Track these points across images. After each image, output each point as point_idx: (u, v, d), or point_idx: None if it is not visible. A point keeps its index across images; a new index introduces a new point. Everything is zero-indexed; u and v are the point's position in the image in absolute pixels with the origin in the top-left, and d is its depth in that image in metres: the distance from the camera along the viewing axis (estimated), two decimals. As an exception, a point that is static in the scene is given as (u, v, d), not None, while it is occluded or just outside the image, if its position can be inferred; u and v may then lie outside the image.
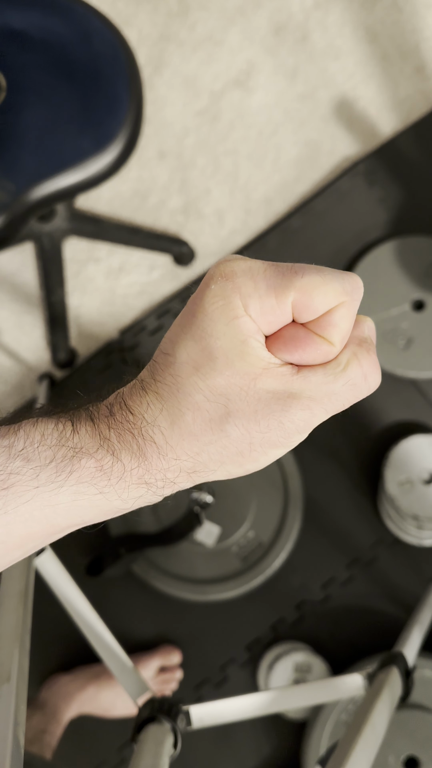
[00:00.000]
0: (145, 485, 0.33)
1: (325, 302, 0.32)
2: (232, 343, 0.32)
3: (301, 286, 0.32)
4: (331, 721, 1.17)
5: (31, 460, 0.31)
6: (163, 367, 0.34)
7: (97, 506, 0.33)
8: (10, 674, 0.47)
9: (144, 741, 0.58)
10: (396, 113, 1.48)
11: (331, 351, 0.33)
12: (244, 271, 0.32)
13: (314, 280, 0.32)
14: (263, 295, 0.32)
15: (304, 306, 0.32)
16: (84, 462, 0.32)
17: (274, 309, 0.32)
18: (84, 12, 1.05)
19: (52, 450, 0.32)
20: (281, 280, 0.32)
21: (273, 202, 1.46)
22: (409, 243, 1.38)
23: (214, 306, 0.32)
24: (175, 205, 1.47)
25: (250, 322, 0.32)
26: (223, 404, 0.32)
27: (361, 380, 0.33)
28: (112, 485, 0.32)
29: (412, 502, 1.21)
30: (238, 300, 0.32)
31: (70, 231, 1.39)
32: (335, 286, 0.32)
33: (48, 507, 0.32)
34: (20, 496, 0.31)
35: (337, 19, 1.51)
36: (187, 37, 1.51)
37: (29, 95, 1.02)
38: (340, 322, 0.32)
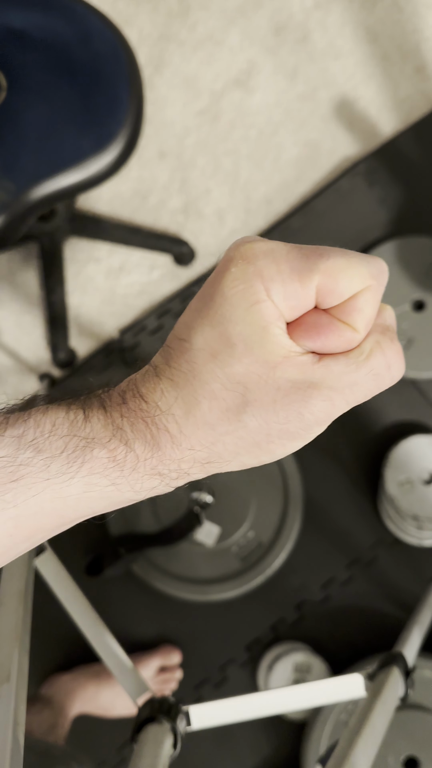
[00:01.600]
0: (159, 476, 0.32)
1: (351, 286, 0.30)
2: (253, 330, 0.30)
3: (326, 269, 0.30)
4: (330, 721, 1.17)
5: (41, 451, 0.30)
6: (178, 353, 0.32)
7: (108, 497, 0.31)
8: (10, 674, 0.47)
9: (144, 741, 0.58)
10: (396, 113, 1.47)
11: (354, 338, 0.31)
12: (266, 253, 0.30)
13: (340, 263, 0.30)
14: (286, 279, 0.30)
15: (328, 290, 0.30)
16: (96, 452, 0.30)
17: (298, 293, 0.30)
18: (85, 12, 1.05)
19: (63, 440, 0.30)
20: (305, 263, 0.30)
21: (273, 202, 1.46)
22: (410, 243, 1.38)
23: (234, 290, 0.31)
24: (175, 205, 1.47)
25: (273, 307, 0.30)
26: (240, 393, 0.31)
27: (384, 370, 0.32)
28: (125, 476, 0.31)
29: (412, 502, 1.21)
30: (259, 284, 0.30)
31: (70, 231, 1.39)
32: (361, 270, 0.31)
33: (58, 499, 0.30)
34: (30, 488, 0.30)
35: (338, 19, 1.51)
36: (187, 37, 1.51)
37: (30, 95, 1.02)
38: (365, 307, 0.31)
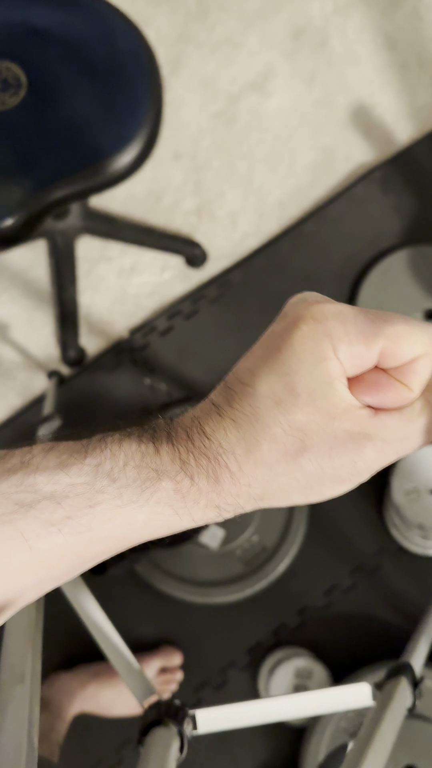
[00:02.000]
0: (216, 509, 0.34)
1: (411, 352, 0.33)
2: (318, 384, 0.33)
3: (390, 335, 0.32)
4: (330, 728, 1.17)
5: (116, 480, 0.33)
6: (242, 396, 0.34)
7: (168, 525, 0.34)
8: (24, 675, 0.47)
9: (151, 744, 0.58)
10: (413, 121, 1.47)
11: (409, 397, 0.34)
12: (335, 315, 0.33)
13: (404, 330, 0.33)
14: (353, 341, 0.33)
15: (390, 353, 0.33)
16: (164, 484, 0.33)
17: (363, 355, 0.33)
18: (106, 11, 1.05)
19: (136, 470, 0.33)
20: (371, 327, 0.33)
21: (287, 207, 1.46)
22: (423, 252, 1.38)
23: (303, 346, 0.33)
24: (188, 207, 1.47)
25: (338, 365, 0.33)
26: (300, 438, 0.33)
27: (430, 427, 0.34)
28: (187, 507, 0.34)
29: (418, 511, 1.21)
30: (328, 343, 0.33)
31: (83, 229, 1.39)
32: (423, 338, 0.33)
33: (126, 526, 0.33)
34: (104, 514, 0.32)
35: (357, 25, 1.51)
36: (205, 38, 1.51)
37: (50, 93, 1.02)
38: (422, 371, 0.34)
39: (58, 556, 0.33)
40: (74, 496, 0.32)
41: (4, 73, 1.02)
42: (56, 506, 0.32)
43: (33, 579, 0.33)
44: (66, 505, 0.32)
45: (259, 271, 1.42)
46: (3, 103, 1.01)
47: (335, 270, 1.40)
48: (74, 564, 0.34)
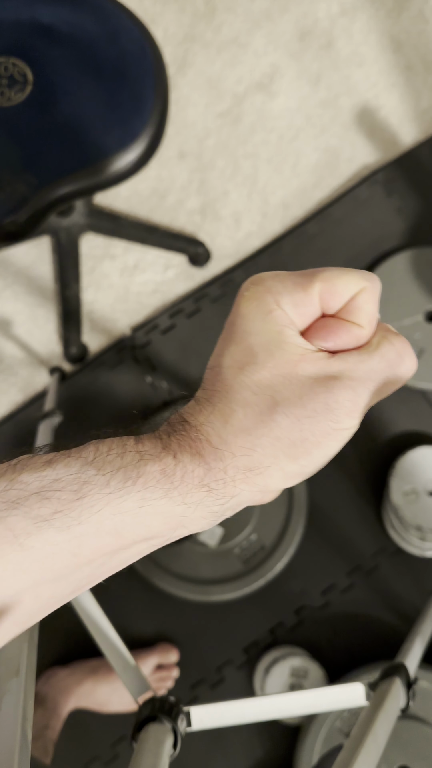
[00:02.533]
0: (207, 488, 0.34)
1: (348, 288, 0.35)
2: (270, 336, 0.34)
3: (324, 278, 0.34)
4: (325, 728, 1.17)
5: (102, 468, 0.32)
6: (212, 379, 0.36)
7: (162, 512, 0.33)
8: (19, 669, 0.47)
9: (145, 740, 0.59)
10: (417, 124, 1.48)
11: (362, 333, 0.35)
12: (272, 276, 0.35)
13: (335, 272, 0.35)
14: (291, 290, 0.35)
15: (329, 294, 0.35)
16: (149, 467, 0.33)
17: (304, 300, 0.35)
18: (113, 9, 1.05)
19: (120, 457, 0.33)
20: (306, 277, 0.35)
21: (290, 207, 1.47)
22: (425, 254, 1.38)
23: (249, 308, 0.35)
24: (192, 206, 1.47)
25: (284, 314, 0.34)
26: (270, 395, 0.34)
27: (395, 357, 0.35)
28: (176, 487, 0.33)
29: (417, 512, 1.21)
30: (270, 297, 0.35)
31: (87, 227, 1.39)
32: (354, 275, 0.35)
33: (117, 515, 0.32)
34: (92, 506, 0.32)
35: (363, 27, 1.51)
36: (212, 38, 1.52)
37: (55, 90, 1.03)
38: (365, 305, 0.35)
39: (51, 554, 0.32)
40: (61, 490, 0.32)
41: (10, 70, 1.02)
42: (44, 501, 0.31)
43: (27, 580, 0.32)
44: (54, 499, 0.31)
45: (261, 271, 1.42)
46: (9, 100, 1.02)
47: (338, 271, 1.40)
48: (69, 565, 0.32)
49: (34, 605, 0.33)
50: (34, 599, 0.33)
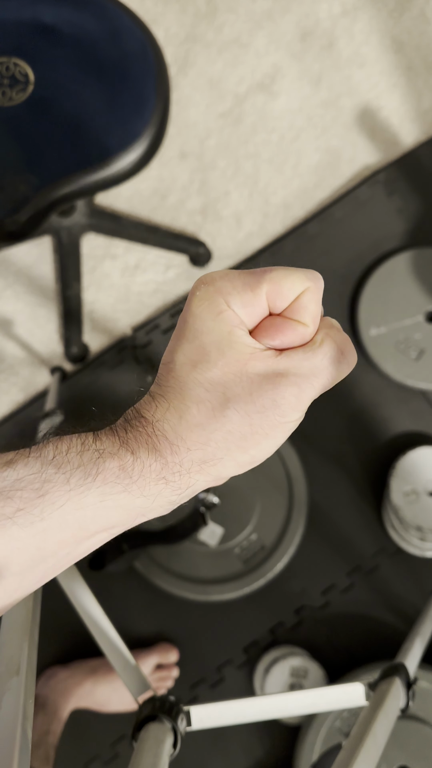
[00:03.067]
0: (164, 481, 0.36)
1: (293, 288, 0.36)
2: (221, 335, 0.36)
3: (270, 279, 0.36)
4: (325, 727, 1.17)
5: (62, 466, 0.34)
6: (166, 374, 0.38)
7: (122, 506, 0.35)
8: (20, 667, 0.47)
9: (145, 739, 0.59)
10: (418, 124, 1.48)
11: (306, 331, 0.37)
12: (221, 276, 0.37)
13: (281, 272, 0.36)
14: (241, 291, 0.36)
15: (276, 294, 0.36)
16: (108, 463, 0.35)
17: (252, 301, 0.36)
18: (115, 9, 1.05)
19: (79, 455, 0.35)
20: (254, 277, 0.36)
21: (291, 207, 1.47)
22: (426, 254, 1.38)
23: (201, 308, 0.36)
24: (193, 206, 1.48)
25: (233, 315, 0.36)
26: (221, 392, 0.36)
27: (337, 354, 0.37)
28: (134, 482, 0.35)
29: (417, 513, 1.21)
30: (220, 298, 0.36)
31: (88, 227, 1.39)
32: (299, 275, 0.37)
33: (78, 510, 0.34)
34: (54, 503, 0.33)
35: (364, 28, 1.51)
36: (213, 38, 1.52)
37: (57, 90, 1.03)
38: (309, 304, 0.37)
39: (16, 549, 0.33)
40: (23, 489, 0.33)
41: (11, 70, 1.02)
42: (7, 500, 0.33)
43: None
44: (16, 498, 0.33)
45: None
46: (11, 99, 1.02)
47: (338, 271, 1.41)
48: (34, 558, 0.34)
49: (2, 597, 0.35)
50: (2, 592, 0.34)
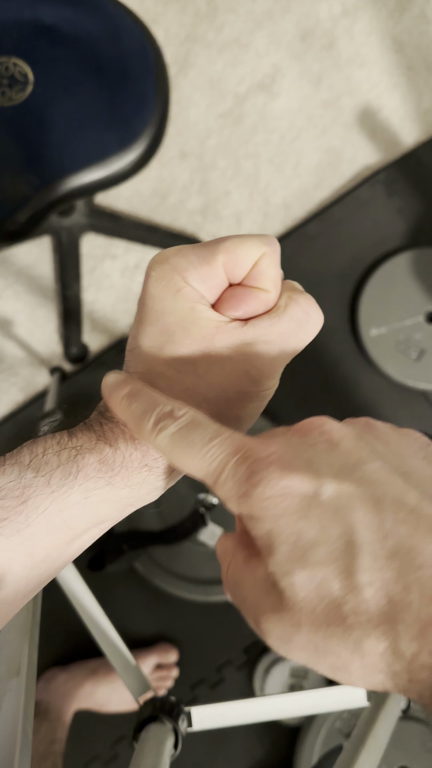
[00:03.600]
0: (147, 468, 0.35)
1: (249, 255, 0.35)
2: (183, 312, 0.35)
3: (225, 248, 0.35)
4: (325, 729, 1.17)
5: (40, 469, 0.33)
6: (134, 361, 0.36)
7: (108, 499, 0.34)
8: (20, 668, 0.47)
9: (146, 740, 0.59)
10: (419, 124, 1.48)
11: (268, 297, 0.36)
12: (175, 253, 0.35)
13: (235, 240, 0.35)
14: (196, 265, 0.35)
15: (233, 263, 0.35)
16: (87, 458, 0.34)
17: (210, 274, 0.35)
18: (114, 9, 1.05)
19: (56, 455, 0.34)
20: (208, 250, 0.35)
21: (291, 207, 1.46)
22: (426, 254, 1.38)
23: (158, 288, 0.35)
24: (193, 206, 1.47)
25: (193, 290, 0.35)
26: (192, 371, 0.35)
27: (303, 316, 0.36)
28: (117, 473, 0.34)
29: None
30: (177, 275, 0.35)
31: (88, 226, 1.39)
32: (254, 241, 0.35)
33: (64, 510, 0.33)
34: (37, 507, 0.32)
35: (365, 27, 1.51)
36: (214, 38, 1.51)
37: (56, 90, 1.03)
38: (267, 269, 0.35)
39: (6, 559, 0.32)
40: (4, 498, 0.32)
41: (11, 70, 1.02)
42: None
43: None
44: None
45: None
46: (10, 99, 1.02)
47: (339, 271, 1.41)
48: (26, 565, 0.33)
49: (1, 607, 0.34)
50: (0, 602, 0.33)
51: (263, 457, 0.28)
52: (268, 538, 0.27)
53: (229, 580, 0.30)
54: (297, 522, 0.27)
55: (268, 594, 0.27)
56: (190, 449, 0.30)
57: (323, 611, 0.26)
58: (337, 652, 0.26)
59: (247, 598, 0.29)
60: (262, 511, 0.27)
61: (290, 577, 0.26)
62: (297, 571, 0.26)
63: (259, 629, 0.28)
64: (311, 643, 0.26)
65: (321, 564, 0.26)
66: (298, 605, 0.26)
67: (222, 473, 0.29)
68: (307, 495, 0.27)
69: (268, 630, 0.27)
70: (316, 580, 0.26)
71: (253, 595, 0.28)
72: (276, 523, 0.27)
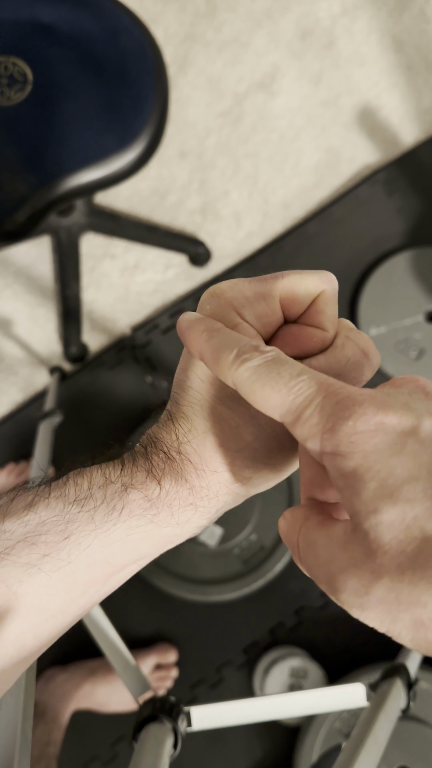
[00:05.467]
0: (192, 507, 0.34)
1: (308, 292, 0.34)
2: None
3: (283, 286, 0.34)
4: (324, 728, 1.17)
5: (84, 505, 0.32)
6: (183, 394, 0.35)
7: (149, 537, 0.33)
8: (19, 668, 0.47)
9: (145, 740, 0.58)
10: (418, 123, 1.47)
11: (325, 337, 0.35)
12: (230, 287, 0.34)
13: (293, 277, 0.34)
14: (253, 301, 0.34)
15: (290, 300, 0.34)
16: (132, 495, 0.33)
17: (266, 311, 0.34)
18: (113, 8, 1.05)
19: (101, 490, 0.33)
20: (266, 286, 0.34)
21: (291, 207, 1.46)
22: (426, 254, 1.38)
23: None
24: (193, 205, 1.47)
25: (248, 327, 0.34)
26: (244, 410, 0.34)
27: (360, 356, 0.34)
28: (161, 512, 0.33)
29: (417, 513, 1.21)
30: (232, 311, 0.34)
31: (87, 226, 1.39)
32: (312, 278, 0.34)
33: (106, 547, 0.32)
34: (80, 543, 0.32)
35: (364, 27, 1.51)
36: (213, 37, 1.51)
37: (55, 89, 1.02)
38: (325, 308, 0.34)
39: (45, 596, 0.32)
40: (47, 533, 0.32)
41: (10, 69, 1.02)
42: (32, 547, 0.31)
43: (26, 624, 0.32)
44: (41, 543, 0.31)
45: (262, 270, 1.42)
46: (9, 99, 1.01)
47: (338, 271, 1.40)
48: (64, 601, 0.33)
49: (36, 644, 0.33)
50: (35, 639, 0.33)
51: (356, 394, 0.27)
52: (354, 475, 0.26)
53: (300, 544, 0.29)
54: (390, 458, 0.25)
55: (347, 548, 0.26)
56: (275, 382, 0.29)
57: (412, 553, 0.24)
58: (424, 601, 0.23)
59: (320, 556, 0.27)
60: (350, 446, 0.26)
61: (377, 516, 0.25)
62: (386, 509, 0.25)
63: (332, 586, 0.26)
64: (393, 593, 0.24)
65: (414, 501, 0.24)
66: (384, 548, 0.24)
67: (308, 408, 0.27)
68: (404, 431, 0.26)
69: (342, 584, 0.25)
70: (407, 519, 0.24)
71: (328, 552, 0.27)
72: (366, 458, 0.26)
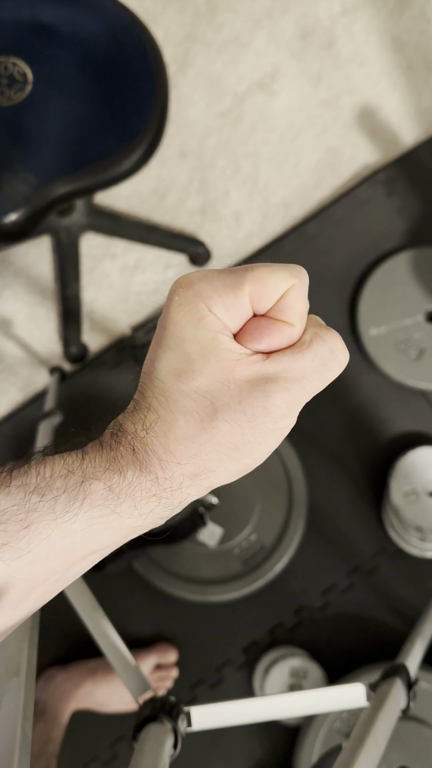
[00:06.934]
0: (156, 498, 0.34)
1: (277, 287, 0.34)
2: (204, 342, 0.34)
3: (253, 278, 0.34)
4: (324, 728, 1.17)
5: (45, 494, 0.32)
6: (149, 384, 0.35)
7: (111, 527, 0.33)
8: (19, 668, 0.47)
9: (145, 740, 0.59)
10: (418, 123, 1.47)
11: (293, 332, 0.35)
12: (200, 278, 0.35)
13: (263, 271, 0.35)
14: (222, 293, 0.34)
15: (259, 295, 0.34)
16: (94, 486, 0.33)
17: (235, 304, 0.34)
18: (113, 9, 1.05)
19: (63, 480, 0.33)
20: (235, 278, 0.34)
21: (291, 207, 1.46)
22: (426, 254, 1.38)
23: (180, 314, 0.34)
24: (193, 205, 1.47)
25: (216, 320, 0.34)
26: (209, 402, 0.34)
27: (328, 354, 0.35)
28: (123, 502, 0.33)
29: (416, 513, 1.21)
30: (201, 303, 0.34)
31: (87, 226, 1.39)
32: (283, 272, 0.35)
33: (66, 537, 0.32)
34: (40, 533, 0.32)
35: (364, 27, 1.51)
36: (213, 37, 1.51)
37: (55, 89, 1.02)
38: (294, 303, 0.35)
39: (4, 584, 0.32)
40: (7, 521, 0.31)
41: (10, 69, 1.02)
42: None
43: None
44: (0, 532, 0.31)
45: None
46: (9, 99, 1.01)
47: (338, 271, 1.41)
48: (24, 589, 0.33)
49: None
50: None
51: None
52: None
53: None
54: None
55: None
56: None
57: None
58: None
59: None
60: None
61: None
62: None
63: None
64: None
65: None
66: None
67: None
68: None
69: None
70: None
71: None
72: None
